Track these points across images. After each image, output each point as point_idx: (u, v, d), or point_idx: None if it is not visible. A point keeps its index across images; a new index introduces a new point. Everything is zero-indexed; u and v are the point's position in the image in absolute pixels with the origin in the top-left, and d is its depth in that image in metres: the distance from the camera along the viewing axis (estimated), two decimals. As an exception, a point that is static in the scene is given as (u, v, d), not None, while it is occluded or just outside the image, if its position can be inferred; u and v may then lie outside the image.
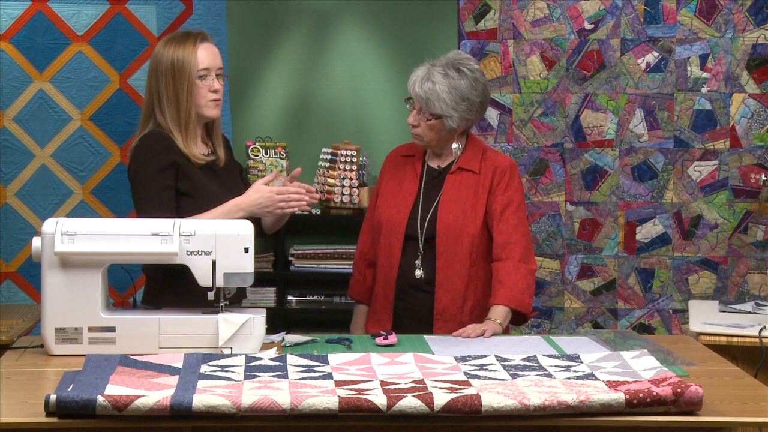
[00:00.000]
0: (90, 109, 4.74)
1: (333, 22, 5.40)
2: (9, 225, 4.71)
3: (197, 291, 2.96)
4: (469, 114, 3.45)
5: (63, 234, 2.86)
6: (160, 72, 3.25)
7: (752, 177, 5.07)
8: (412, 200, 3.53)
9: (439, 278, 3.46)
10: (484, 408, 2.37)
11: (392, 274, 3.51)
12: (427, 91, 3.42)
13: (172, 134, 3.25)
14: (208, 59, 3.27)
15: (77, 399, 2.33)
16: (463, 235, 3.44)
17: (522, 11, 5.10)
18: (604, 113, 5.12)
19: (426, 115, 3.45)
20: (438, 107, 3.42)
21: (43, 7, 4.67)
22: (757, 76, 5.05)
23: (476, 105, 3.46)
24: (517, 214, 3.48)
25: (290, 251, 5.28)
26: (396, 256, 3.50)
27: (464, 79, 3.43)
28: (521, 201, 3.52)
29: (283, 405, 2.34)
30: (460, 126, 3.47)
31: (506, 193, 3.48)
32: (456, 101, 3.42)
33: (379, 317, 3.54)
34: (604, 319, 5.17)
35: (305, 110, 5.43)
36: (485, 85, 3.49)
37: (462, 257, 3.44)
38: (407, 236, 3.50)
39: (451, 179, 3.51)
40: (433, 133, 3.47)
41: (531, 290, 3.42)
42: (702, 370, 2.86)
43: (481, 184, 3.48)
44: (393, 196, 3.56)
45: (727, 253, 5.09)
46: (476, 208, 3.47)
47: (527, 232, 3.49)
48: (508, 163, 3.53)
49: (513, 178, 3.51)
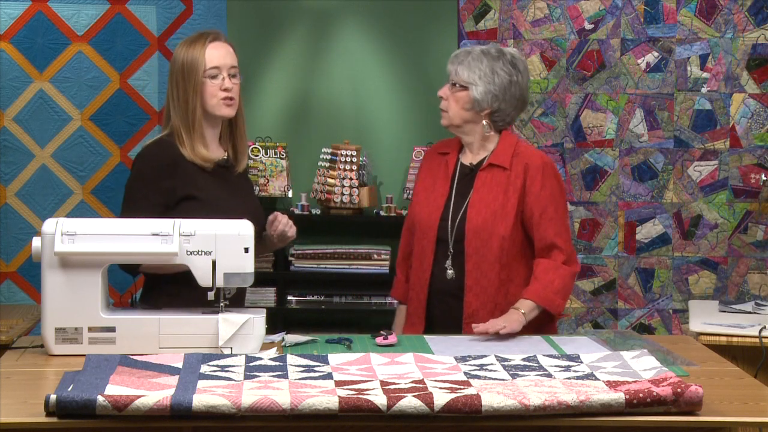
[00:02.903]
0: (90, 109, 4.74)
1: (333, 22, 5.40)
2: (9, 225, 4.71)
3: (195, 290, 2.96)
4: (496, 89, 3.36)
5: (63, 234, 2.86)
6: (173, 72, 3.27)
7: (752, 177, 5.07)
8: (444, 200, 3.45)
9: (469, 282, 3.37)
10: (484, 408, 2.37)
11: (425, 278, 3.43)
12: (460, 61, 3.39)
13: (181, 137, 3.24)
14: (217, 58, 3.25)
15: (77, 399, 2.33)
16: (492, 237, 3.35)
17: (522, 11, 5.11)
18: (604, 113, 5.12)
19: (454, 88, 3.40)
20: (465, 74, 3.36)
21: (43, 7, 4.68)
22: (757, 76, 5.05)
23: (507, 85, 3.37)
24: (558, 217, 3.37)
25: (290, 251, 5.28)
26: (429, 259, 3.43)
27: (502, 59, 3.38)
28: (560, 202, 3.40)
29: (283, 405, 2.34)
30: (485, 101, 3.37)
31: (543, 193, 3.37)
32: (484, 72, 3.35)
33: (413, 321, 3.47)
34: (604, 319, 5.17)
35: (305, 110, 5.43)
36: (524, 76, 3.41)
37: (492, 260, 3.35)
38: (439, 239, 3.42)
39: (482, 176, 3.42)
40: (457, 107, 3.40)
41: (566, 292, 3.35)
42: (702, 370, 2.86)
43: (512, 183, 3.38)
44: (426, 195, 3.49)
45: (727, 253, 5.09)
46: (506, 208, 3.37)
47: (569, 235, 3.40)
48: (541, 161, 3.41)
49: (548, 177, 3.39)
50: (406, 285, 3.57)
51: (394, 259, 5.32)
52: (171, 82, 3.28)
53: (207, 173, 3.26)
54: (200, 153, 3.24)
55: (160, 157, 3.22)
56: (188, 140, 3.24)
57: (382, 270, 5.28)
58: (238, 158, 3.36)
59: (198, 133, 3.25)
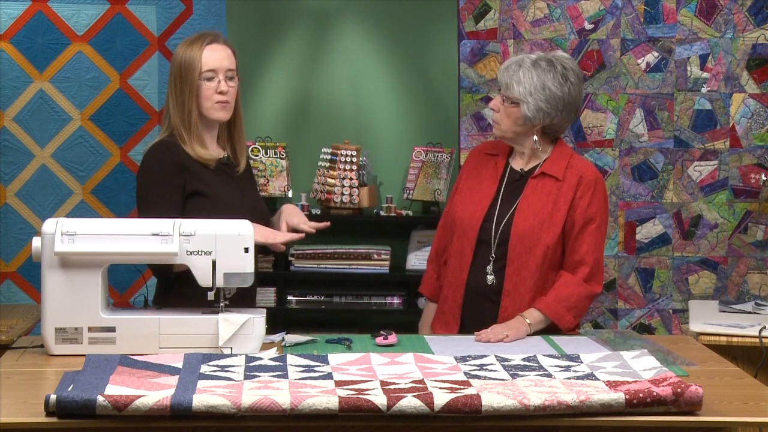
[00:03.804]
0: (90, 109, 4.73)
1: (333, 22, 5.40)
2: (9, 225, 4.71)
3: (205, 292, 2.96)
4: (548, 107, 3.32)
5: (63, 234, 2.86)
6: (172, 73, 3.28)
7: (752, 177, 5.07)
8: (489, 202, 3.42)
9: (507, 286, 3.35)
10: (484, 408, 2.37)
11: (462, 278, 3.41)
12: (511, 75, 3.35)
13: (182, 137, 3.24)
14: (214, 60, 3.25)
15: (77, 399, 2.33)
16: (537, 244, 3.33)
17: (522, 11, 5.10)
18: (604, 113, 5.12)
19: (506, 101, 3.36)
20: (516, 90, 3.33)
21: (43, 7, 4.67)
22: (757, 76, 5.05)
23: (558, 100, 3.33)
24: (596, 235, 3.36)
25: (290, 251, 5.28)
26: (467, 259, 3.40)
27: (552, 71, 3.33)
28: (603, 220, 3.39)
29: (283, 405, 2.34)
30: (537, 118, 3.34)
31: (589, 209, 3.35)
32: (535, 87, 3.31)
33: (447, 320, 3.45)
34: (604, 319, 5.17)
35: (305, 110, 5.43)
36: (576, 85, 3.36)
37: (533, 268, 3.33)
38: (480, 240, 3.40)
39: (533, 184, 3.39)
40: (509, 122, 3.36)
41: (579, 310, 3.34)
42: (702, 370, 2.86)
43: (563, 194, 3.36)
44: (471, 195, 3.46)
45: (727, 253, 5.09)
46: (555, 218, 3.34)
47: (602, 255, 3.38)
48: (594, 176, 3.40)
49: (598, 193, 3.37)
50: (437, 282, 3.56)
51: (394, 259, 5.35)
52: (170, 83, 3.28)
53: (212, 171, 3.27)
54: (199, 153, 3.24)
55: (166, 155, 3.23)
56: (188, 140, 3.25)
57: (382, 270, 5.28)
58: (237, 159, 3.37)
59: (195, 134, 3.26)
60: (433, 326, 3.53)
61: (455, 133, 5.14)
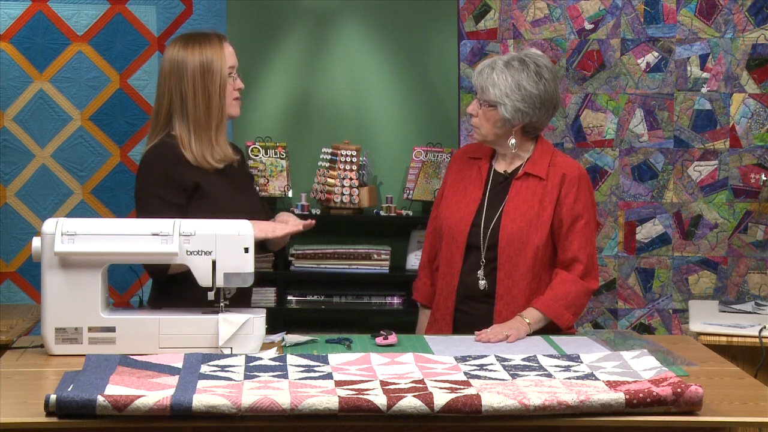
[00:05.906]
0: (90, 109, 4.74)
1: (333, 22, 5.40)
2: (9, 225, 4.71)
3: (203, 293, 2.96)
4: (525, 106, 3.31)
5: (63, 234, 2.86)
6: (184, 74, 3.22)
7: (752, 177, 5.07)
8: (476, 207, 3.41)
9: (500, 290, 3.35)
10: (484, 408, 2.37)
11: (453, 283, 3.41)
12: (485, 78, 3.34)
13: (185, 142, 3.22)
14: (231, 58, 3.29)
15: (77, 399, 2.33)
16: (527, 246, 3.33)
17: (522, 11, 5.10)
18: (604, 113, 5.12)
19: (483, 105, 3.36)
20: (492, 93, 3.32)
21: (43, 7, 4.68)
22: (757, 76, 5.05)
23: (535, 98, 3.32)
24: (586, 231, 3.35)
25: (290, 251, 5.28)
26: (457, 265, 3.40)
27: (525, 70, 3.32)
28: (592, 216, 3.38)
29: (283, 405, 2.34)
30: (515, 118, 3.33)
31: (576, 206, 3.35)
32: (510, 88, 3.30)
33: (440, 326, 3.44)
34: (604, 319, 5.17)
35: (305, 110, 5.43)
36: (551, 82, 3.35)
37: (524, 269, 3.33)
38: (469, 245, 3.39)
39: (517, 185, 3.39)
40: (489, 125, 3.36)
41: (578, 308, 3.33)
42: (702, 370, 2.86)
43: (548, 193, 3.35)
44: (457, 201, 3.45)
45: (727, 253, 5.09)
46: (542, 218, 3.34)
47: (594, 251, 3.37)
48: (578, 172, 3.39)
49: (582, 189, 3.37)
50: (431, 288, 3.56)
51: (394, 259, 5.35)
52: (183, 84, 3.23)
53: (211, 171, 3.26)
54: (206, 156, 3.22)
55: (166, 156, 3.22)
56: (198, 144, 3.22)
57: (382, 270, 5.28)
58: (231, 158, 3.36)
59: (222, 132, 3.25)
60: (426, 333, 3.51)
61: (455, 133, 5.14)
